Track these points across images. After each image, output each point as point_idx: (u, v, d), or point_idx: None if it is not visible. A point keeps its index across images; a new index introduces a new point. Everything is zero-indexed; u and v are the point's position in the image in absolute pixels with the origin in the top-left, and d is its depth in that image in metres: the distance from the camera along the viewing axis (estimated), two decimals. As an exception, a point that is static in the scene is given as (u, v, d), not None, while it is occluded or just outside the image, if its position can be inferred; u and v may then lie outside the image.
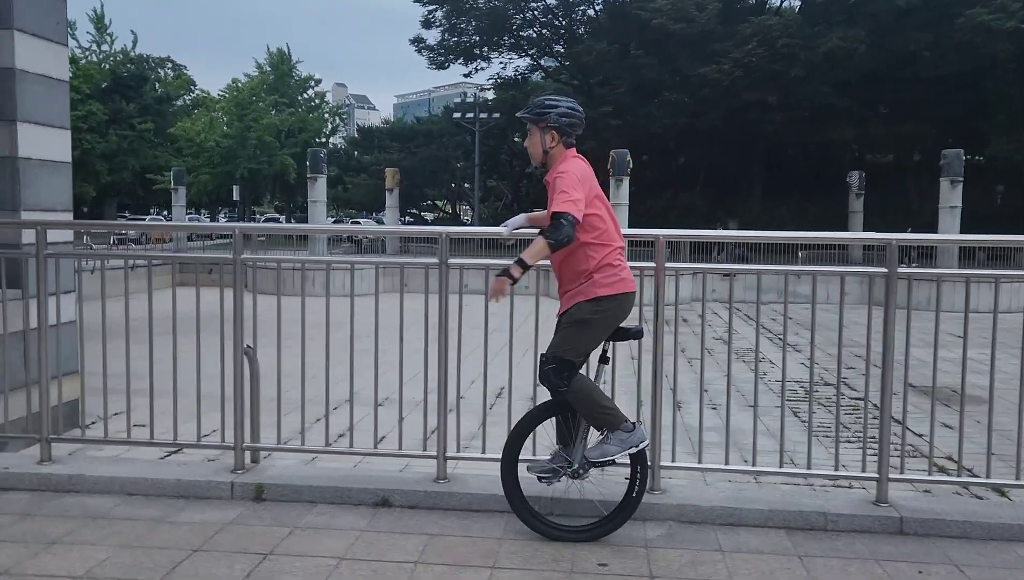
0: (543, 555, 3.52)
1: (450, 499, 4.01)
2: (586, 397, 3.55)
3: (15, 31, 9.40)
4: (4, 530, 3.71)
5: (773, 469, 4.30)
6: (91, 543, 3.58)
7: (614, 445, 3.55)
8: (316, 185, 29.90)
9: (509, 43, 43.88)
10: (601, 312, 3.54)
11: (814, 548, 3.61)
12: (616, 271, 3.57)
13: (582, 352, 3.62)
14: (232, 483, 4.15)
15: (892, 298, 3.80)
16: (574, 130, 3.67)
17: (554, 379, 3.54)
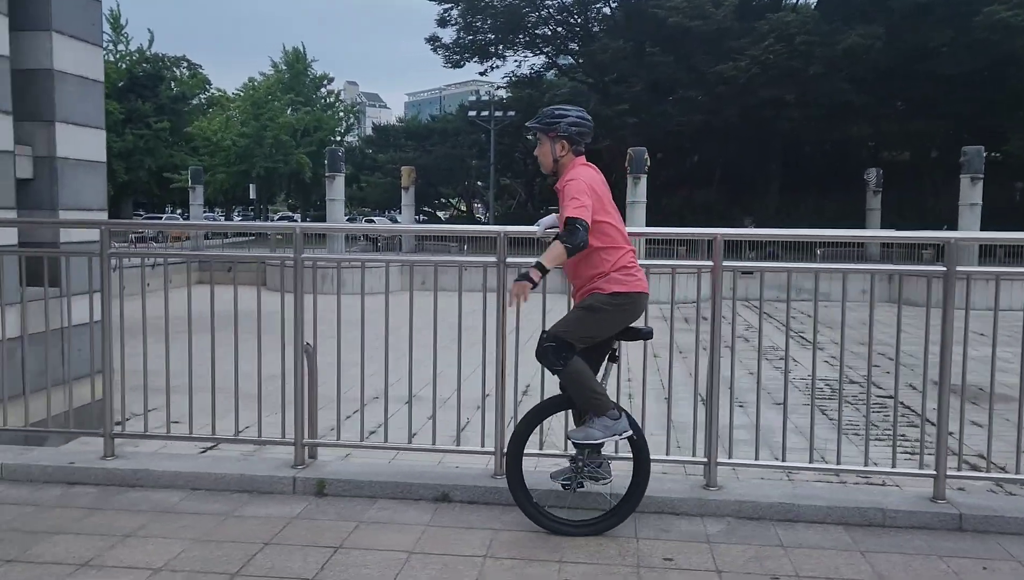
0: (609, 550, 3.57)
1: (505, 495, 4.06)
2: (578, 378, 3.61)
3: (53, 32, 9.54)
4: (78, 523, 3.80)
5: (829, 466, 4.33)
6: (164, 536, 3.66)
7: (598, 430, 3.63)
8: (334, 184, 30.08)
9: (524, 41, 43.90)
10: (614, 305, 3.61)
11: (874, 544, 3.65)
12: (632, 271, 3.65)
13: (584, 337, 3.65)
14: (294, 478, 4.22)
15: (951, 297, 3.82)
16: (583, 138, 3.74)
17: (552, 357, 3.60)
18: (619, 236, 3.66)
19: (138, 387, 4.77)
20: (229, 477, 4.25)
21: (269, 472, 4.27)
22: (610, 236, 3.62)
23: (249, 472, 4.27)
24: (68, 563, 3.37)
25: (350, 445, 4.56)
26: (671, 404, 4.47)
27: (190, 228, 30.11)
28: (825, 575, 3.34)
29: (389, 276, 4.41)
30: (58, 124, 9.65)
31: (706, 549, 3.59)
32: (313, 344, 4.38)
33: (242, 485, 4.25)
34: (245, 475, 4.25)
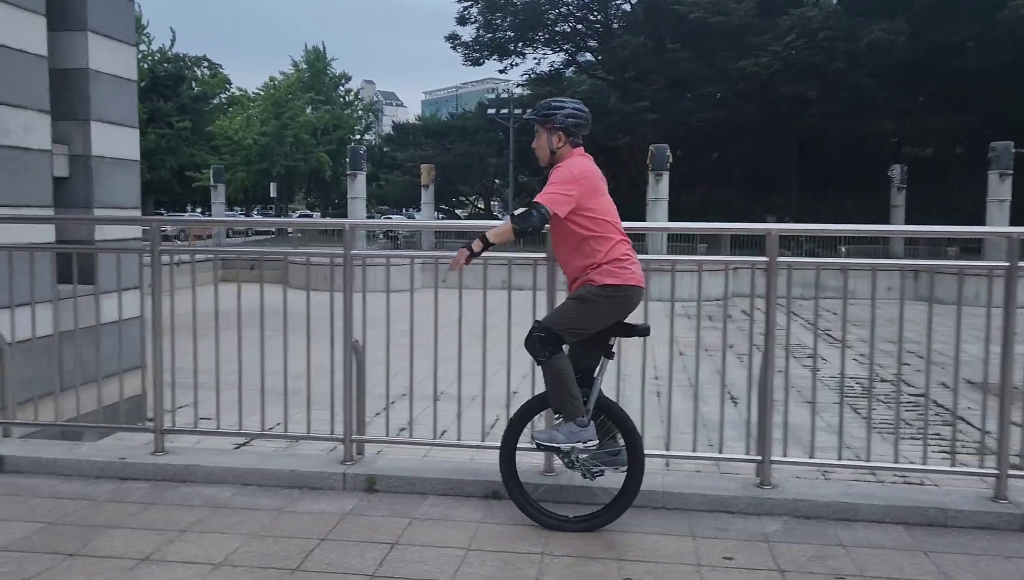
0: (666, 548, 3.54)
1: (560, 493, 4.04)
2: (558, 377, 3.58)
3: (89, 32, 9.61)
4: (134, 518, 3.82)
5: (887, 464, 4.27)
6: (220, 532, 3.67)
7: (563, 434, 3.62)
8: (356, 181, 30.16)
9: (544, 38, 43.82)
10: (605, 297, 3.56)
11: (937, 544, 3.59)
12: (625, 264, 3.60)
13: (574, 329, 3.62)
14: (344, 474, 4.22)
15: (1013, 292, 3.75)
16: (580, 130, 3.73)
17: (538, 347, 3.58)
18: (611, 227, 3.63)
19: (179, 383, 4.80)
20: (279, 473, 4.26)
21: (319, 468, 4.27)
22: (601, 226, 3.60)
23: (299, 468, 4.27)
24: (128, 557, 3.39)
25: (400, 442, 4.56)
26: (698, 401, 4.43)
27: (238, 224, 30.35)
28: (890, 575, 3.30)
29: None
30: (93, 123, 9.73)
31: (765, 548, 3.55)
32: (362, 341, 4.38)
33: (292, 481, 4.25)
34: (296, 471, 4.25)
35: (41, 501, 4.03)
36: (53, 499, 4.06)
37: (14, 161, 8.32)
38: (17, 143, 8.42)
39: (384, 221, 3.74)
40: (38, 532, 3.64)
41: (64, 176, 9.71)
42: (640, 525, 3.77)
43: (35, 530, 3.66)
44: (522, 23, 42.33)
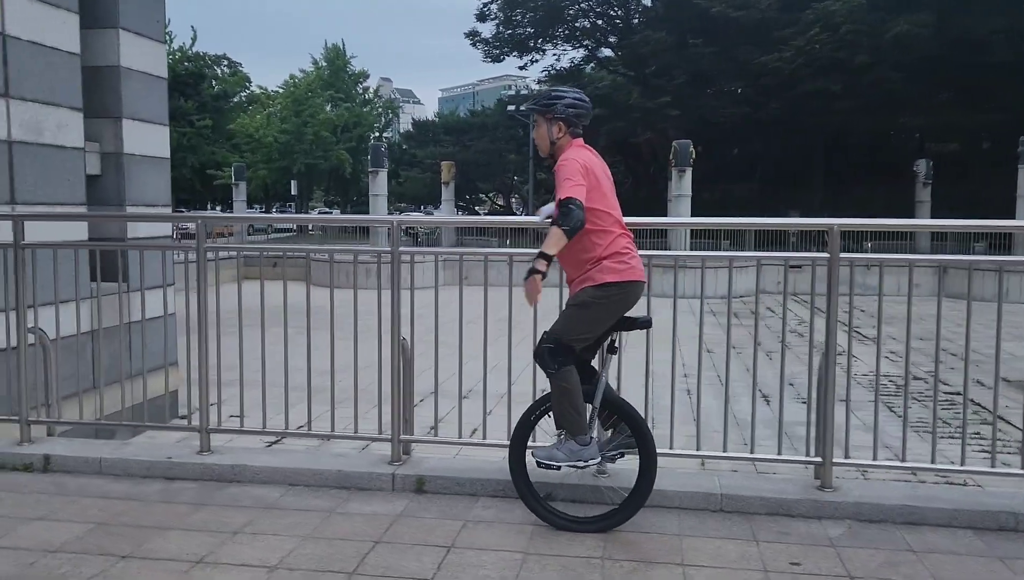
0: (729, 553, 3.45)
1: (614, 495, 3.95)
2: (564, 391, 3.54)
3: (120, 30, 9.62)
4: (185, 519, 3.77)
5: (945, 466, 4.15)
6: (273, 533, 3.62)
7: (563, 453, 3.58)
8: (377, 179, 30.19)
9: (564, 34, 43.64)
10: (604, 298, 3.52)
11: (1012, 550, 3.47)
12: (625, 258, 3.55)
13: (580, 336, 3.58)
14: (393, 475, 4.16)
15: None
16: (581, 121, 3.68)
17: (547, 359, 3.53)
18: (611, 220, 3.58)
19: (211, 381, 4.77)
20: (327, 473, 4.20)
21: (367, 469, 4.21)
22: (602, 219, 3.55)
23: (347, 469, 4.21)
24: (183, 559, 3.34)
25: (450, 442, 4.49)
26: (730, 399, 4.32)
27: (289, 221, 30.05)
28: (966, 582, 3.19)
29: (438, 270, 4.31)
30: (125, 120, 9.74)
31: (832, 554, 3.44)
32: (410, 339, 4.32)
33: (340, 481, 4.20)
34: (343, 471, 4.20)
35: (91, 501, 4.00)
36: (102, 499, 4.03)
37: (48, 159, 8.34)
38: (51, 141, 8.43)
39: (429, 217, 3.65)
40: (90, 533, 3.61)
41: (96, 174, 9.73)
42: (700, 528, 3.68)
43: (87, 531, 3.63)
44: (542, 19, 42.17)
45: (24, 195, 8.07)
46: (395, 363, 4.27)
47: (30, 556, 3.36)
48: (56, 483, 4.24)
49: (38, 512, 3.85)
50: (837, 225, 3.85)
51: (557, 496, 3.86)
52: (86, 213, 9.46)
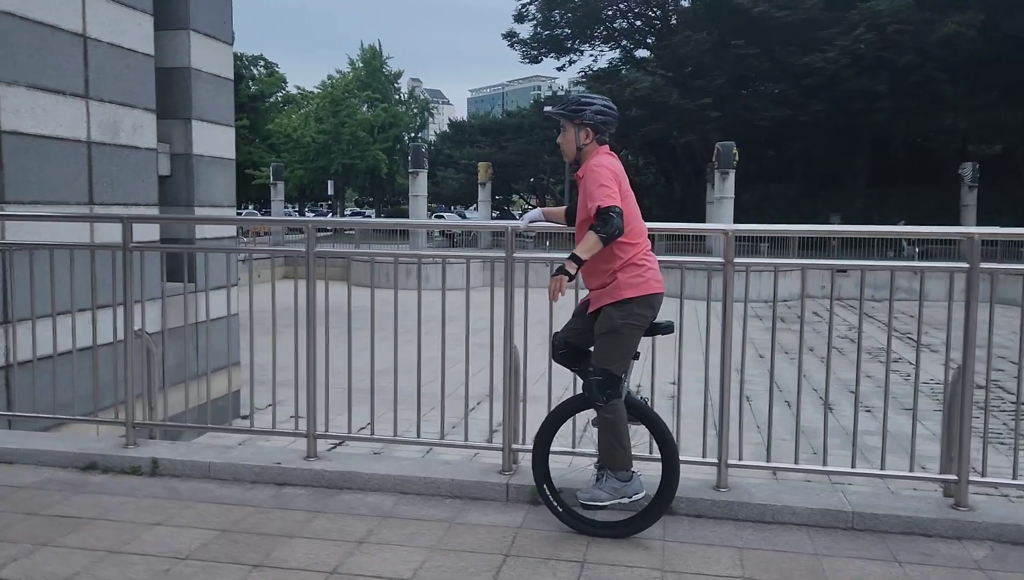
0: (874, 574, 3.32)
1: (740, 510, 3.85)
2: (611, 424, 3.54)
3: (191, 31, 9.68)
4: (305, 527, 3.73)
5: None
6: (398, 544, 3.56)
7: (606, 492, 3.58)
8: (417, 180, 30.30)
9: (602, 35, 43.47)
10: (629, 317, 3.52)
11: None
12: (641, 271, 3.54)
13: (622, 361, 3.57)
14: (507, 485, 4.08)
15: None
16: (607, 128, 3.67)
17: (596, 392, 3.54)
18: (635, 229, 3.57)
19: (260, 380, 4.76)
20: (439, 482, 4.14)
21: (480, 478, 4.14)
22: (627, 230, 3.50)
23: (459, 478, 4.15)
24: (315, 570, 3.29)
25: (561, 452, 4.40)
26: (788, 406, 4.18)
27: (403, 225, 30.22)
28: None
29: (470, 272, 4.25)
30: (194, 122, 9.81)
31: (981, 577, 3.30)
32: (522, 344, 4.24)
33: (452, 491, 4.13)
34: (456, 481, 4.13)
35: (206, 506, 3.98)
36: (216, 504, 4.00)
37: (125, 159, 8.41)
38: (128, 141, 8.51)
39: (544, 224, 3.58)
40: (215, 540, 3.57)
41: (166, 174, 9.80)
42: (835, 548, 3.55)
43: (211, 538, 3.60)
44: (580, 20, 42.05)
45: (102, 196, 8.15)
46: (508, 370, 4.20)
47: (161, 563, 3.33)
48: (167, 487, 4.23)
49: (156, 517, 3.83)
50: (978, 234, 3.70)
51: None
52: (195, 217, 9.54)
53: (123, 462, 4.45)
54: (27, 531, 3.64)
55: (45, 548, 3.46)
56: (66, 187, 7.57)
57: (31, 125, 7.12)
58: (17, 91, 6.95)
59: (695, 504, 3.90)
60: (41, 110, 7.22)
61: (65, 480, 4.32)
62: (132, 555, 3.41)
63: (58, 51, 7.42)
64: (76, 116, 7.67)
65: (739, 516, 3.85)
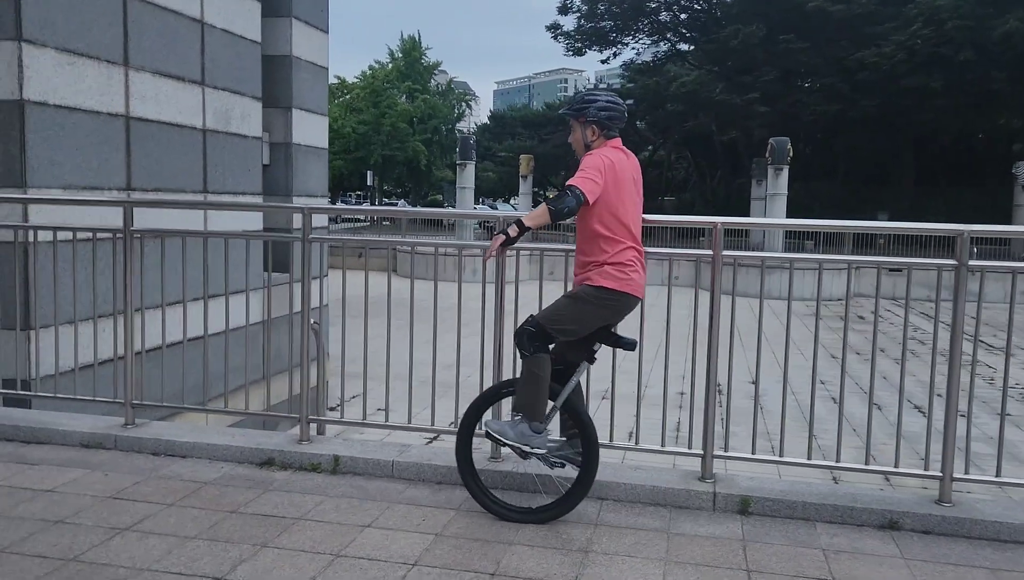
0: None
1: (972, 527, 3.65)
2: (534, 376, 3.57)
3: (293, 19, 9.59)
4: (517, 534, 3.58)
5: None
6: (627, 554, 3.40)
7: (514, 432, 3.62)
8: (465, 171, 30.14)
9: (647, 28, 43.03)
10: (598, 299, 3.54)
11: None
12: (627, 270, 3.55)
13: (564, 328, 3.59)
14: (714, 494, 3.91)
15: None
16: (614, 123, 3.68)
17: (525, 341, 3.57)
18: (623, 229, 3.56)
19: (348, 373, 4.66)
20: (641, 488, 3.98)
21: (682, 485, 3.98)
22: (614, 227, 3.54)
23: (661, 484, 3.98)
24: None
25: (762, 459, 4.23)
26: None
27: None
28: None
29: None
30: (295, 110, 9.72)
31: None
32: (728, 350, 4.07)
33: (653, 498, 3.97)
34: (657, 487, 3.97)
35: (405, 508, 3.85)
36: (415, 507, 3.87)
37: (234, 147, 8.33)
38: (237, 130, 8.43)
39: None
40: (435, 544, 3.44)
41: (266, 164, 9.73)
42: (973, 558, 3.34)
43: (429, 542, 3.47)
44: (625, 11, 41.63)
45: (214, 184, 8.07)
46: (710, 371, 4.02)
47: (394, 569, 3.21)
48: (355, 487, 4.11)
49: (361, 519, 3.71)
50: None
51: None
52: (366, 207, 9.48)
53: (302, 459, 4.34)
54: (239, 531, 3.53)
55: (267, 550, 3.35)
56: (184, 175, 7.50)
57: (155, 111, 7.05)
58: (143, 77, 6.88)
59: (922, 519, 3.70)
60: (164, 96, 7.15)
61: (247, 476, 4.22)
62: (359, 559, 3.29)
63: (180, 37, 7.34)
64: (194, 103, 7.60)
65: (971, 534, 3.65)
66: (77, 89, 6.06)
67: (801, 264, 4.16)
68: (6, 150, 5.55)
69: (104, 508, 3.74)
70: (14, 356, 4.97)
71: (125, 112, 6.64)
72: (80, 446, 4.57)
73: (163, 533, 3.48)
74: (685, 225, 14.99)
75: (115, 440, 4.56)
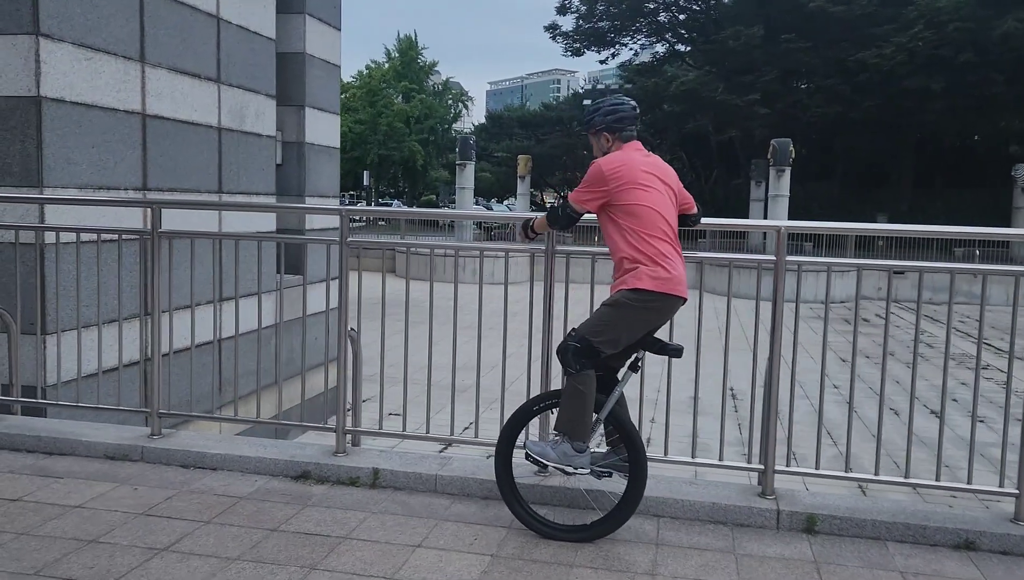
0: None
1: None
2: (578, 394, 3.43)
3: (306, 16, 9.38)
4: (577, 554, 3.40)
5: None
6: (681, 576, 3.22)
7: (556, 454, 3.49)
8: (465, 171, 29.95)
9: (647, 29, 42.91)
10: (638, 301, 3.39)
11: None
12: (660, 270, 3.38)
13: (608, 337, 3.43)
14: (777, 511, 3.74)
15: None
16: (624, 124, 3.58)
17: (570, 358, 3.43)
18: (650, 223, 3.41)
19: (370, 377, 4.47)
20: (699, 505, 3.80)
21: (744, 502, 3.80)
22: (638, 221, 3.41)
23: (721, 501, 3.81)
24: (628, 608, 2.96)
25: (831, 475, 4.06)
26: None
27: None
28: None
29: None
30: (307, 109, 9.52)
31: None
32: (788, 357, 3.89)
33: (713, 515, 3.79)
34: (717, 504, 3.79)
35: (454, 526, 3.66)
36: (464, 524, 3.68)
37: (249, 146, 8.12)
38: (251, 128, 8.23)
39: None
40: (493, 566, 3.25)
41: (278, 163, 9.52)
42: None
43: (486, 563, 3.28)
44: (623, 12, 41.50)
45: (229, 184, 7.87)
46: (770, 382, 3.85)
47: (455, 595, 3.02)
48: (398, 502, 3.91)
49: (411, 538, 3.52)
50: None
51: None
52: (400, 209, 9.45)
53: (339, 472, 4.15)
54: (284, 551, 3.34)
55: (316, 573, 3.16)
56: (199, 174, 7.29)
57: (171, 109, 6.84)
58: (159, 73, 6.67)
59: (1000, 539, 3.53)
60: (180, 94, 6.94)
61: (283, 491, 4.02)
62: (417, 584, 3.10)
63: (196, 33, 7.13)
64: (209, 101, 7.39)
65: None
66: (94, 85, 5.84)
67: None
68: (23, 149, 5.33)
69: (138, 525, 3.54)
70: (33, 363, 4.76)
71: (141, 110, 6.43)
72: (105, 458, 4.37)
73: (204, 554, 3.28)
74: (747, 229, 15.04)
75: (142, 451, 4.35)
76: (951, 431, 8.44)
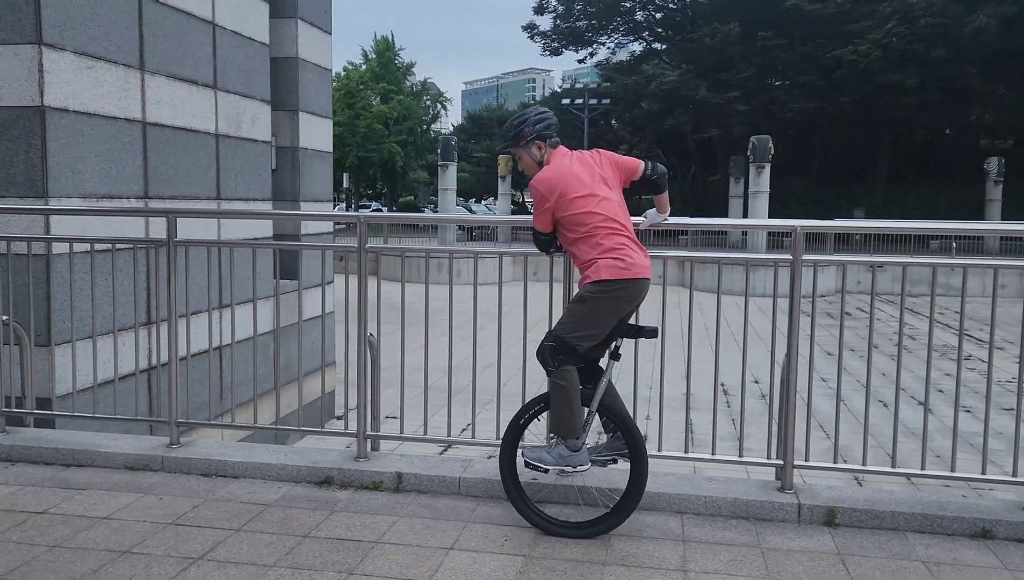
0: None
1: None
2: (562, 391, 3.50)
3: (299, 20, 9.36)
4: (605, 553, 3.45)
5: None
6: (727, 572, 3.30)
7: (552, 456, 3.57)
8: (447, 172, 29.95)
9: (624, 28, 43.12)
10: (602, 293, 3.46)
11: None
12: (620, 255, 3.47)
13: (581, 332, 3.51)
14: (798, 505, 3.82)
15: None
16: (551, 131, 3.68)
17: (548, 357, 3.51)
18: (598, 226, 3.49)
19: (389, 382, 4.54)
20: (721, 501, 3.88)
21: (764, 497, 3.88)
22: (586, 225, 3.49)
23: (742, 496, 3.88)
24: (665, 604, 3.02)
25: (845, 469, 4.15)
26: None
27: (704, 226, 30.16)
28: None
29: None
30: (301, 114, 9.50)
31: None
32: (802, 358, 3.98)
33: (735, 510, 3.87)
34: (739, 499, 3.87)
35: (483, 528, 3.70)
36: (494, 526, 3.72)
37: (245, 152, 8.11)
38: (248, 134, 8.21)
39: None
40: (528, 567, 3.30)
41: (273, 168, 9.50)
42: None
43: (520, 564, 3.33)
44: (601, 11, 41.68)
45: (226, 190, 7.85)
46: (786, 379, 3.93)
47: (494, 596, 3.06)
48: (424, 506, 3.95)
49: (442, 541, 3.56)
50: None
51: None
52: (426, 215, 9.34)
53: (362, 477, 4.17)
54: (319, 557, 3.36)
55: (354, 577, 3.19)
56: (198, 181, 7.27)
57: (170, 116, 6.81)
58: (159, 81, 6.64)
59: (1016, 528, 3.64)
60: (179, 101, 6.91)
61: (308, 497, 4.04)
62: (456, 587, 3.14)
63: (193, 40, 7.10)
64: (207, 107, 7.36)
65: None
66: (96, 94, 5.81)
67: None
68: (27, 159, 5.30)
69: (170, 535, 3.55)
70: (46, 374, 4.74)
71: (142, 118, 6.40)
72: (125, 468, 4.36)
73: (240, 562, 3.30)
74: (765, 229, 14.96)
75: (162, 461, 4.35)
76: (965, 425, 8.59)
